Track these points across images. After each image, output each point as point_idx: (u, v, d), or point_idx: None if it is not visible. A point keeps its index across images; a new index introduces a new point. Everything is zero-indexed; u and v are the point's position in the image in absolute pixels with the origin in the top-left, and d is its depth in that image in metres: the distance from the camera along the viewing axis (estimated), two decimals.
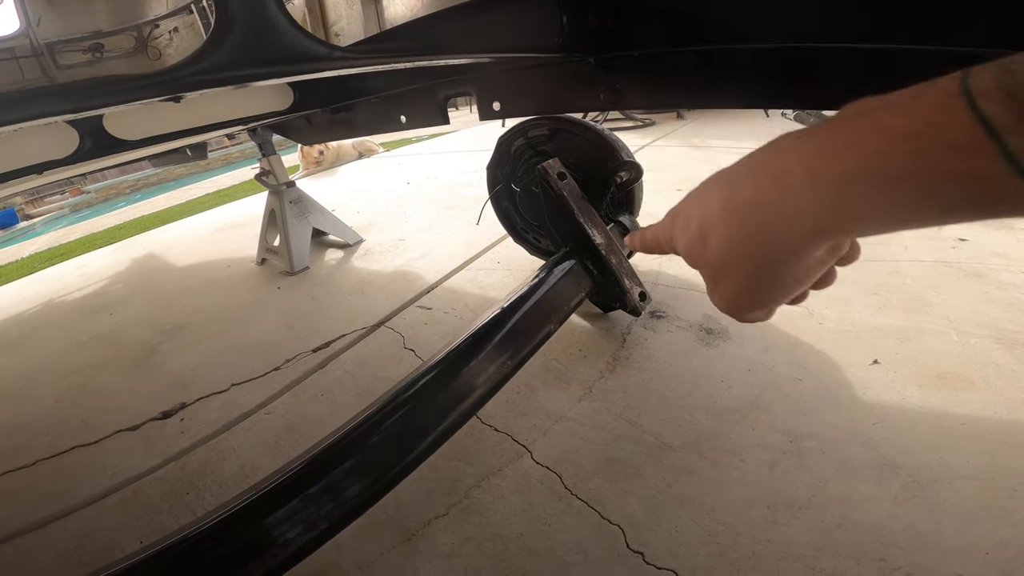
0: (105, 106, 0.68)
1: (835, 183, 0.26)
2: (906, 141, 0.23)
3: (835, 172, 0.26)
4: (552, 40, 1.02)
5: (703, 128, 4.05)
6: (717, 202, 0.34)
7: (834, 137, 0.26)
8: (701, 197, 0.37)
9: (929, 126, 0.23)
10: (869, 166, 0.25)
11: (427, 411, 0.82)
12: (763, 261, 0.33)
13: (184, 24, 2.02)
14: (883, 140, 0.24)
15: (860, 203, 0.26)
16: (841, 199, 0.27)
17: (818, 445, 0.98)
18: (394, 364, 1.50)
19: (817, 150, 0.27)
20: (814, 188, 0.27)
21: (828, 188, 0.27)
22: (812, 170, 0.27)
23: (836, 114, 0.28)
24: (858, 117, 0.26)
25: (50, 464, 1.37)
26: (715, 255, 0.35)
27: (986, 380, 1.06)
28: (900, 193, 0.25)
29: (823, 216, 0.28)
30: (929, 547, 0.78)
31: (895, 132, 0.24)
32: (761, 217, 0.31)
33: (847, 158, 0.25)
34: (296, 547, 0.67)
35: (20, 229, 8.26)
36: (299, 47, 0.75)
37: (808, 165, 0.27)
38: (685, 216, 0.39)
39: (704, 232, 0.35)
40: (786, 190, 0.29)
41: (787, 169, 0.29)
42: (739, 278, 0.34)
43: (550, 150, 1.51)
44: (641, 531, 0.88)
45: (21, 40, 1.91)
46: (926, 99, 0.23)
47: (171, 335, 2.01)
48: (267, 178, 2.50)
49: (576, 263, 1.14)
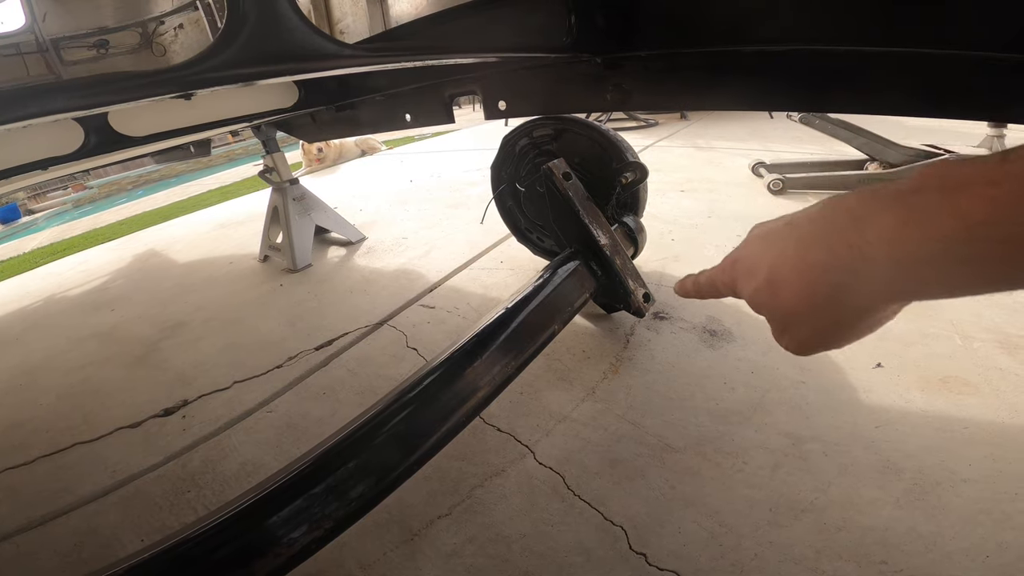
0: (117, 103, 0.68)
1: (912, 261, 0.27)
2: (984, 228, 0.24)
3: (913, 251, 0.27)
4: (560, 40, 1.02)
5: (707, 129, 4.05)
6: (790, 257, 0.35)
7: (913, 215, 0.27)
8: (768, 247, 0.38)
9: (1007, 217, 0.23)
10: (948, 249, 0.25)
11: (431, 411, 0.82)
12: (836, 317, 0.34)
13: (190, 21, 2.02)
14: (962, 227, 0.25)
15: (936, 279, 0.27)
16: (917, 274, 0.28)
17: (821, 448, 0.98)
18: (396, 363, 1.50)
19: (896, 225, 0.28)
20: (891, 263, 0.28)
21: (905, 265, 0.28)
22: (891, 244, 0.28)
23: (916, 181, 0.28)
24: (939, 197, 0.26)
25: (50, 461, 1.37)
26: (788, 305, 0.36)
27: (989, 384, 1.06)
28: (978, 273, 0.26)
29: (898, 287, 0.30)
30: (930, 550, 0.78)
31: (973, 218, 0.24)
32: (837, 280, 0.32)
33: (926, 240, 0.26)
34: (300, 547, 0.67)
35: (22, 224, 8.25)
36: (310, 45, 0.75)
37: (886, 239, 0.28)
38: (749, 264, 0.40)
39: (774, 283, 0.36)
40: (863, 260, 0.30)
41: (864, 239, 0.29)
42: (811, 327, 0.36)
43: (555, 150, 1.51)
44: (644, 532, 0.88)
45: (27, 36, 1.92)
46: (1003, 187, 0.24)
47: (173, 332, 2.01)
48: (270, 175, 2.50)
49: (580, 264, 1.14)
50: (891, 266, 0.28)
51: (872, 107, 0.86)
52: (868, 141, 2.28)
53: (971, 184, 0.25)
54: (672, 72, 1.09)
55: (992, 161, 0.25)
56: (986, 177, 0.24)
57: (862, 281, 0.30)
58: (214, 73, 0.69)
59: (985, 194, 0.24)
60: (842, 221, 0.31)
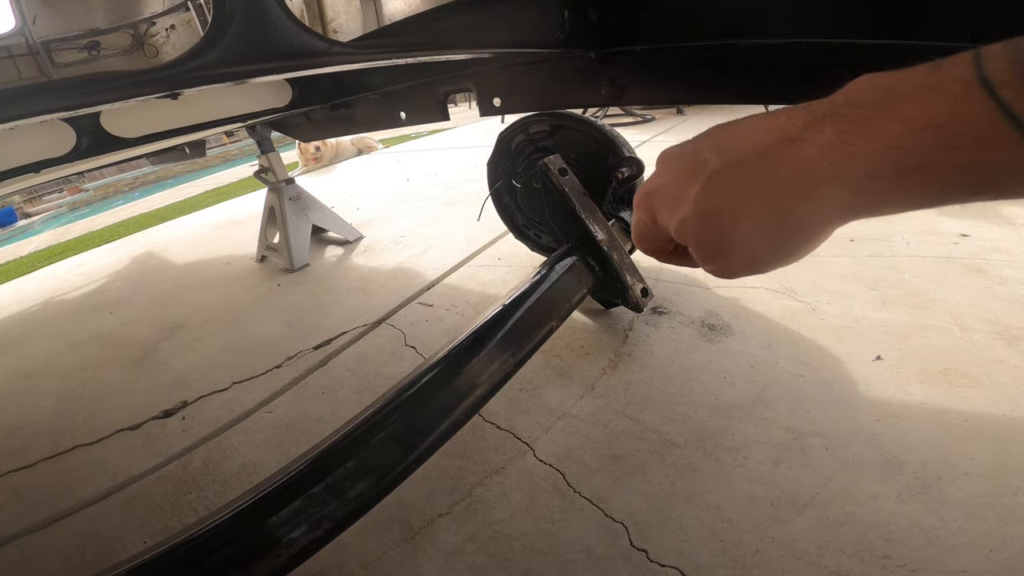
0: (102, 103, 0.67)
1: (861, 176, 0.26)
2: (930, 132, 0.23)
3: (860, 166, 0.26)
4: (554, 35, 1.01)
5: (703, 123, 4.03)
6: (725, 183, 0.33)
7: (854, 129, 0.26)
8: (690, 173, 0.35)
9: (952, 118, 0.23)
10: (895, 159, 0.25)
11: (430, 409, 0.82)
12: (777, 240, 0.32)
13: (181, 21, 2.01)
14: (907, 132, 0.24)
15: (886, 192, 0.27)
16: (867, 190, 0.27)
17: (821, 442, 0.98)
18: (395, 361, 1.50)
19: (838, 142, 0.27)
20: (840, 182, 0.27)
21: (855, 181, 0.27)
22: (836, 164, 0.27)
23: (846, 95, 0.27)
24: (876, 108, 0.26)
25: (51, 464, 1.36)
26: (723, 233, 0.33)
27: (989, 376, 1.06)
28: (926, 181, 0.25)
29: (849, 204, 0.29)
30: (933, 544, 0.78)
31: (919, 124, 0.24)
32: (783, 205, 0.30)
33: (872, 152, 0.25)
34: (300, 547, 0.66)
35: (19, 227, 8.24)
36: (298, 42, 0.74)
37: (831, 160, 0.27)
38: (670, 194, 0.37)
39: (707, 212, 0.34)
40: (812, 182, 0.28)
41: (808, 160, 0.28)
42: (747, 252, 0.34)
43: (551, 146, 1.50)
44: (645, 529, 0.88)
45: (17, 38, 1.91)
46: (945, 90, 0.23)
47: (171, 333, 2.00)
48: (266, 175, 2.49)
49: (578, 259, 1.14)
50: (839, 184, 0.28)
51: None
52: None
53: (909, 91, 0.25)
54: (667, 67, 1.09)
55: (923, 69, 0.25)
56: (923, 83, 0.24)
57: (810, 203, 0.29)
58: (201, 72, 0.68)
59: (927, 98, 0.24)
60: (777, 141, 0.30)
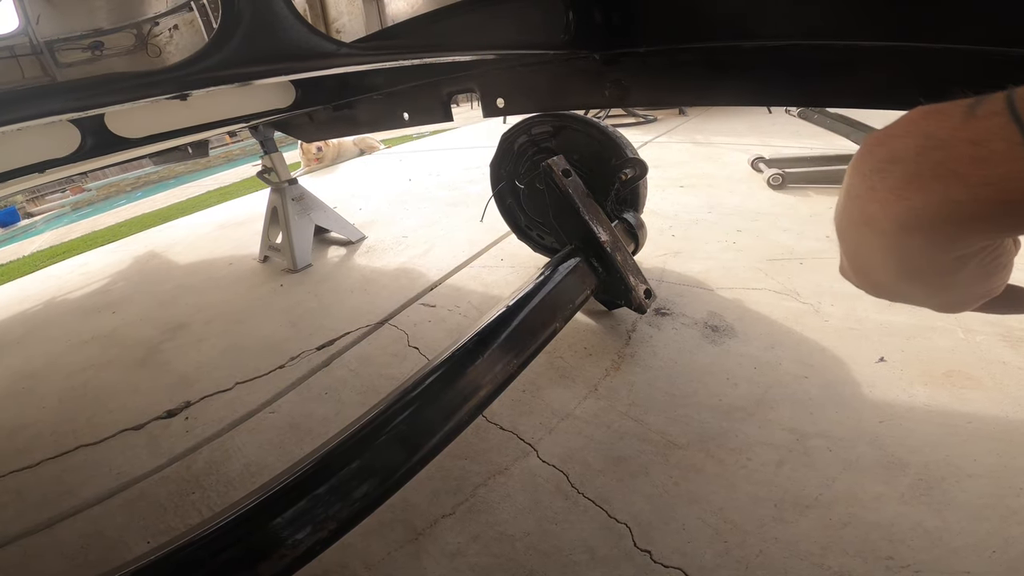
0: (112, 104, 0.67)
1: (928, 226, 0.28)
2: (984, 189, 0.24)
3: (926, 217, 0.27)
4: (558, 37, 1.01)
5: (705, 124, 4.04)
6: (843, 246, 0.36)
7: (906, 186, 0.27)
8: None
9: (1004, 178, 0.24)
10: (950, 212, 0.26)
11: (433, 411, 0.82)
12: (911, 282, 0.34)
13: (184, 22, 2.02)
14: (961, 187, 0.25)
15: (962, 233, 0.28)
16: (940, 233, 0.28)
17: (825, 443, 0.98)
18: (398, 362, 1.50)
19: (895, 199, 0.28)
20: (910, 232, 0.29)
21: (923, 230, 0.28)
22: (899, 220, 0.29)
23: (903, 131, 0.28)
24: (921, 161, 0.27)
25: (55, 464, 1.37)
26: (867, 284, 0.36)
27: (993, 378, 1.06)
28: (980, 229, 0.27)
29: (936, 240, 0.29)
30: (936, 545, 0.78)
31: (971, 180, 0.25)
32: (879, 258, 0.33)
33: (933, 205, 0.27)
34: (304, 548, 0.67)
35: (21, 227, 8.26)
36: (306, 44, 0.74)
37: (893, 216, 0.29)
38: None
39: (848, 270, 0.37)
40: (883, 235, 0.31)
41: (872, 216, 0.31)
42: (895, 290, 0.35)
43: (554, 147, 1.50)
44: (648, 529, 0.88)
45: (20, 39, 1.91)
46: (988, 147, 0.24)
47: (174, 333, 2.01)
48: (269, 175, 2.50)
49: (581, 260, 1.14)
50: (911, 233, 0.29)
51: (871, 102, 0.85)
52: (867, 135, 2.27)
53: (950, 144, 0.25)
54: (670, 68, 1.09)
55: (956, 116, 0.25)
56: (962, 136, 0.25)
57: (900, 250, 0.31)
58: (209, 73, 0.68)
59: (971, 154, 0.24)
60: (848, 199, 0.33)
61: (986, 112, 0.24)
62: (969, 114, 0.25)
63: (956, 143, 0.25)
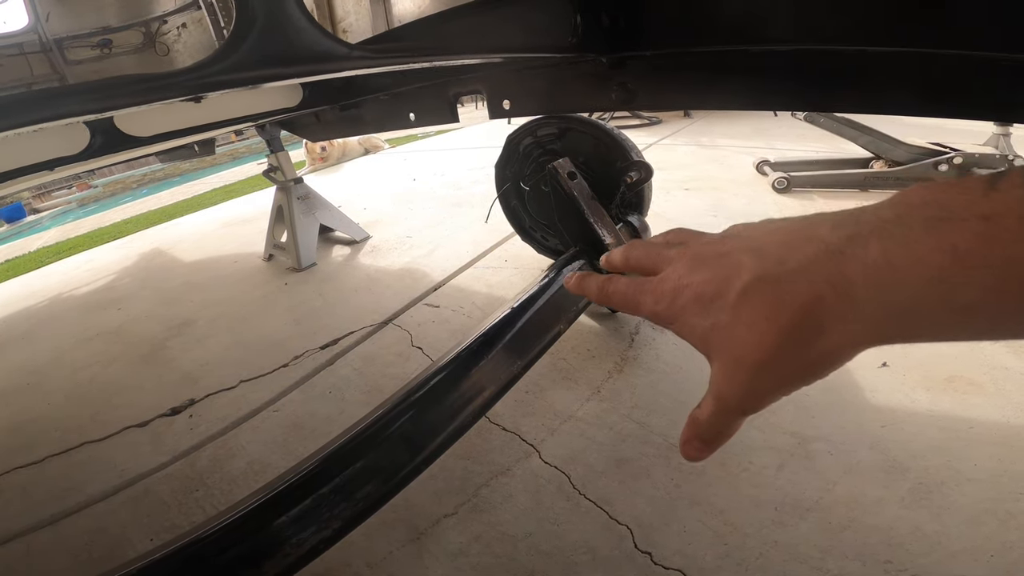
0: (130, 106, 0.68)
1: (906, 305, 0.25)
2: (982, 272, 0.22)
3: (904, 294, 0.25)
4: (566, 40, 1.01)
5: (710, 127, 4.04)
6: (763, 292, 0.30)
7: (900, 251, 0.25)
8: (726, 276, 0.33)
9: (1009, 261, 0.22)
10: (943, 293, 0.24)
11: (438, 411, 0.83)
12: (805, 360, 0.30)
13: (192, 20, 2.03)
14: (957, 268, 0.23)
15: (929, 324, 0.25)
16: (911, 319, 0.26)
17: (826, 447, 0.98)
18: (402, 362, 1.51)
19: (883, 264, 0.25)
20: (879, 306, 0.26)
21: (895, 306, 0.25)
22: (879, 286, 0.26)
23: (895, 208, 0.26)
24: (926, 230, 0.24)
25: (59, 460, 1.38)
26: (755, 349, 0.31)
27: (995, 384, 1.06)
28: (971, 318, 0.24)
29: (885, 330, 0.27)
30: (935, 549, 0.79)
31: (970, 261, 0.22)
32: (817, 321, 0.28)
33: (918, 282, 0.24)
34: (309, 547, 0.67)
35: (27, 223, 8.27)
36: (319, 46, 0.75)
37: (873, 282, 0.26)
38: (701, 294, 0.34)
39: (740, 321, 0.31)
40: (849, 303, 0.27)
41: (848, 279, 0.27)
42: (775, 373, 0.31)
43: (559, 149, 1.51)
44: (649, 531, 0.89)
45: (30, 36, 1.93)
46: (999, 223, 0.22)
47: (179, 331, 2.02)
48: (275, 174, 2.51)
49: (586, 263, 1.15)
50: (879, 308, 0.26)
51: (879, 107, 0.86)
52: (873, 139, 2.27)
53: (960, 218, 0.23)
54: (678, 71, 1.09)
55: (978, 188, 0.23)
56: (976, 210, 0.22)
57: (846, 325, 0.28)
58: (225, 76, 0.69)
59: (980, 231, 0.22)
60: (818, 254, 0.28)
61: (1007, 185, 0.22)
62: (989, 187, 0.22)
63: (967, 217, 0.23)
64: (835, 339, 0.28)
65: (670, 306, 0.36)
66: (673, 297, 0.36)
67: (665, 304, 0.36)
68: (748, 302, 0.31)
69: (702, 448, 0.37)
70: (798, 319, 0.29)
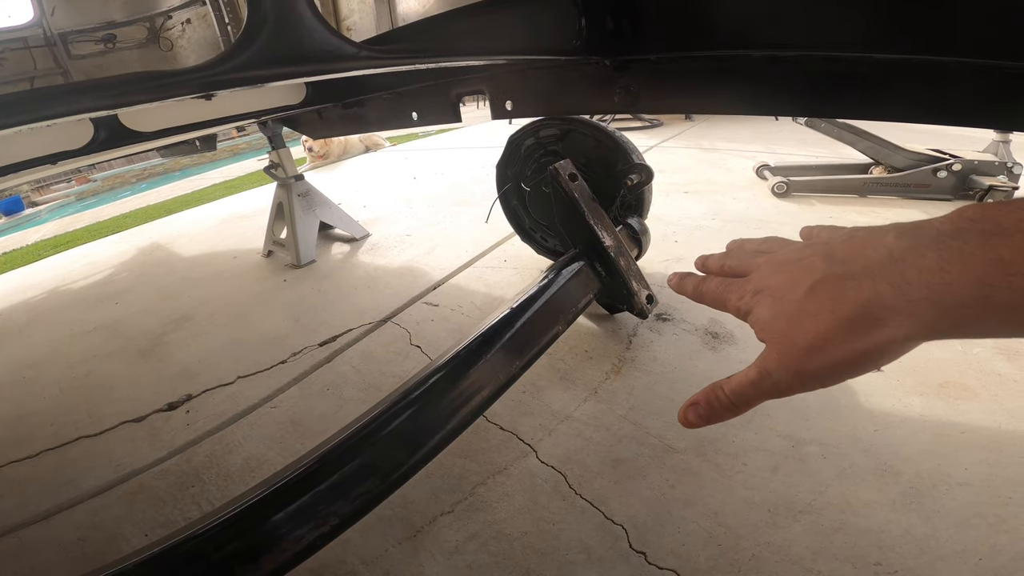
0: (142, 103, 0.68)
1: (953, 304, 0.29)
2: (1020, 278, 0.26)
3: (953, 295, 0.29)
4: (570, 42, 1.02)
5: (711, 130, 4.05)
6: (828, 289, 0.36)
7: (954, 259, 0.28)
8: (796, 277, 0.38)
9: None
10: (986, 294, 0.27)
11: (436, 410, 0.83)
12: (860, 352, 0.34)
13: (197, 16, 2.03)
14: (1000, 274, 0.27)
15: (974, 321, 0.29)
16: (956, 316, 0.29)
17: (819, 450, 0.99)
18: (400, 360, 1.51)
19: (937, 269, 0.29)
20: (931, 304, 0.30)
21: (945, 307, 0.29)
22: (931, 288, 0.29)
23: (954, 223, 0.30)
24: (979, 243, 0.28)
25: (55, 455, 1.37)
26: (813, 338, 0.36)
27: (988, 389, 1.07)
28: (1013, 318, 0.27)
29: (936, 325, 0.31)
30: (925, 552, 0.79)
31: (1012, 268, 0.26)
32: (877, 316, 0.33)
33: (966, 284, 0.28)
34: (306, 543, 0.68)
35: (25, 216, 8.25)
36: (328, 46, 0.75)
37: (927, 283, 0.30)
38: (774, 294, 0.40)
39: (804, 314, 0.37)
40: (906, 300, 0.31)
41: (907, 280, 0.31)
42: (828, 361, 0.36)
43: (561, 151, 1.51)
44: (644, 531, 0.90)
45: (35, 30, 1.93)
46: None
47: (177, 326, 2.02)
48: (276, 171, 2.51)
49: (585, 264, 1.15)
50: (931, 307, 0.30)
51: (880, 114, 0.86)
52: (873, 144, 2.28)
53: (1012, 231, 0.26)
54: (681, 75, 1.09)
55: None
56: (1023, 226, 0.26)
57: (901, 319, 0.31)
58: (236, 74, 0.69)
59: (1021, 244, 0.26)
60: (883, 259, 0.33)
61: None
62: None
63: (1014, 233, 0.26)
64: (891, 332, 0.32)
65: (749, 301, 0.42)
66: (753, 294, 0.42)
67: (746, 300, 0.43)
68: (815, 296, 0.36)
69: (701, 417, 0.45)
70: (858, 311, 0.33)
